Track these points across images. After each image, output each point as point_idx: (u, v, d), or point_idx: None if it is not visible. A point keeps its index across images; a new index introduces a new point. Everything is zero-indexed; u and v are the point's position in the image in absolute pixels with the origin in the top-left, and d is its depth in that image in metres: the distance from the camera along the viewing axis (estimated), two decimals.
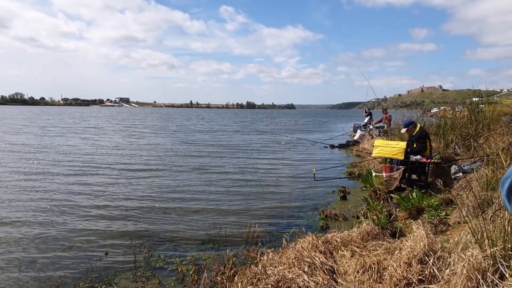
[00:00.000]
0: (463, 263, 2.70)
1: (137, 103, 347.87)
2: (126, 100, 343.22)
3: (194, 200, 7.24)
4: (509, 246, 2.50)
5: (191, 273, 4.03)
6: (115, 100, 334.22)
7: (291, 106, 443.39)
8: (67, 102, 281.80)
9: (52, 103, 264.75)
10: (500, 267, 2.46)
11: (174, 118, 59.48)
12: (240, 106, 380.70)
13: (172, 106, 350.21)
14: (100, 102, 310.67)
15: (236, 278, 3.46)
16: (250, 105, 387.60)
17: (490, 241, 2.62)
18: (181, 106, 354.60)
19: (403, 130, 7.66)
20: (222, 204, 6.97)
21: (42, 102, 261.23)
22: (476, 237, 2.78)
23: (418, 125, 7.70)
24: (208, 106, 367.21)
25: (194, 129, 31.37)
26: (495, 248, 2.54)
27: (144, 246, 4.81)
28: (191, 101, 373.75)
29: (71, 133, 23.66)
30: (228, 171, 10.56)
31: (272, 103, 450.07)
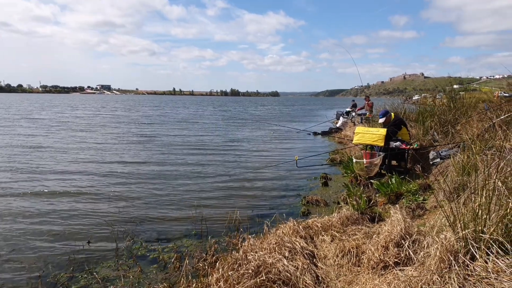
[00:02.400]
0: (436, 245, 2.78)
1: (119, 90, 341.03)
2: (108, 88, 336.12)
3: (176, 189, 7.21)
4: (480, 228, 2.59)
5: (173, 260, 4.04)
6: (96, 88, 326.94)
7: (275, 94, 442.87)
8: (46, 90, 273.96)
9: (30, 91, 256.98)
10: (471, 248, 2.55)
11: (163, 106, 58.62)
12: (224, 94, 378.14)
13: (155, 93, 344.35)
14: (80, 89, 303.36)
15: (217, 264, 3.48)
16: (234, 93, 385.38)
17: (462, 224, 2.71)
18: (164, 93, 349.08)
19: (382, 120, 7.64)
20: (204, 192, 6.98)
21: (20, 89, 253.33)
22: (449, 221, 2.86)
23: (392, 114, 7.87)
24: (191, 93, 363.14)
25: (178, 118, 31.08)
26: (467, 231, 2.63)
27: (126, 235, 4.79)
28: (174, 88, 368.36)
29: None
30: (210, 158, 10.54)
31: (257, 90, 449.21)
